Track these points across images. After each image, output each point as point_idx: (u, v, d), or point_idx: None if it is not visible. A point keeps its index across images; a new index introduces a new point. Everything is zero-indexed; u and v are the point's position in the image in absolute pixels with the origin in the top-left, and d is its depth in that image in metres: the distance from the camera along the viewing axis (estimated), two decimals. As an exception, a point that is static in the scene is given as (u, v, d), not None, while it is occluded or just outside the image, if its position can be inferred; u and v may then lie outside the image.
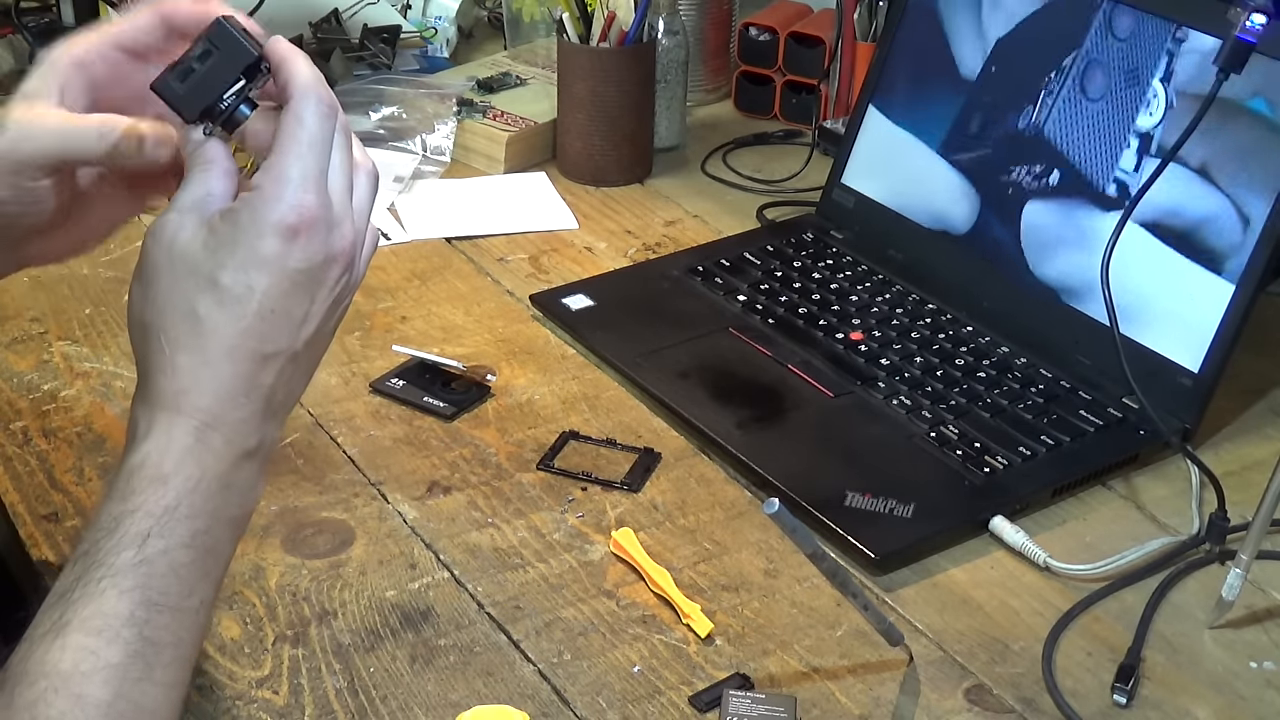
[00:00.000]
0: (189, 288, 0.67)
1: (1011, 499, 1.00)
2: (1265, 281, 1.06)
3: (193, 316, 0.67)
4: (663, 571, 0.93)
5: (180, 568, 0.66)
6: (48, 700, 0.62)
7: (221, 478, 0.67)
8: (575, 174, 1.48)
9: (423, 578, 0.93)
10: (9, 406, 1.09)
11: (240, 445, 0.68)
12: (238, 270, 0.67)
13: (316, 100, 0.70)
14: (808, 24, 1.60)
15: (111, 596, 0.64)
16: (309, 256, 0.68)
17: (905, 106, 1.31)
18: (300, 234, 0.67)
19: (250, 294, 0.67)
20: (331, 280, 0.69)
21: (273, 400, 0.69)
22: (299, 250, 0.67)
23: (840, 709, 0.84)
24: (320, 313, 0.70)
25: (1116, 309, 1.06)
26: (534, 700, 0.84)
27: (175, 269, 0.67)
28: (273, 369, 0.69)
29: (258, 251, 0.67)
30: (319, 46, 1.65)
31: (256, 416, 0.69)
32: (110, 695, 0.63)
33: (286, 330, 0.68)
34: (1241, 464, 1.07)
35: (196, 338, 0.67)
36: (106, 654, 0.63)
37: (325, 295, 0.69)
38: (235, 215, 0.67)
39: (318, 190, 0.68)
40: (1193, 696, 0.86)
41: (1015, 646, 0.89)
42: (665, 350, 1.16)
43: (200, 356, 0.67)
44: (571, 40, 1.44)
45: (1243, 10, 1.02)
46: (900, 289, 1.24)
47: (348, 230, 0.70)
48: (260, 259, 0.67)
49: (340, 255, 0.69)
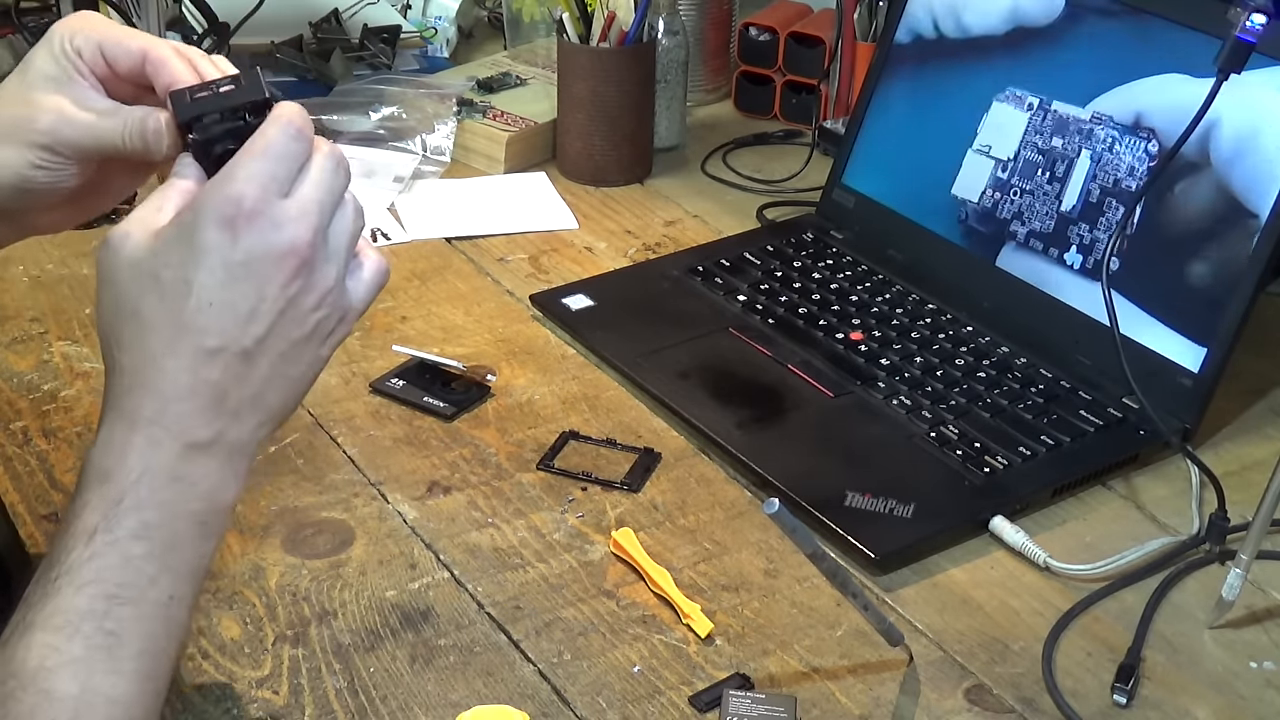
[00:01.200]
0: (134, 290, 0.68)
1: (1011, 499, 1.00)
2: (1265, 281, 1.07)
3: (136, 316, 0.68)
4: (663, 571, 0.93)
5: (134, 559, 0.66)
6: (16, 698, 0.63)
7: (169, 470, 0.67)
8: (575, 174, 1.48)
9: (423, 578, 0.93)
10: (9, 406, 1.09)
11: (186, 438, 0.68)
12: (178, 266, 0.67)
13: (287, 122, 0.69)
14: (808, 24, 1.60)
15: (68, 593, 0.65)
16: (249, 248, 0.67)
17: (909, 96, 1.31)
18: (238, 224, 0.66)
19: (187, 287, 0.67)
20: (283, 277, 0.68)
21: (226, 398, 0.68)
22: (237, 241, 0.66)
23: (840, 709, 0.84)
24: (272, 311, 0.68)
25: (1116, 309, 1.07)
26: (534, 700, 0.84)
27: (121, 275, 0.68)
28: (217, 364, 0.68)
29: (195, 243, 0.66)
30: (319, 46, 1.65)
31: (206, 411, 0.68)
32: (77, 689, 0.63)
33: (229, 324, 0.67)
34: (1241, 464, 1.07)
35: (138, 336, 0.68)
36: (68, 649, 0.64)
37: (276, 293, 0.68)
38: (179, 215, 0.68)
39: (263, 187, 0.67)
40: (1193, 696, 0.86)
41: (1015, 646, 0.89)
42: (665, 350, 1.16)
43: (141, 355, 0.67)
44: (571, 40, 1.44)
45: (1243, 10, 1.02)
46: (900, 289, 1.24)
47: (303, 233, 0.68)
48: (199, 250, 0.66)
49: (290, 254, 0.67)
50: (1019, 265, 1.20)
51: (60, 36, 0.75)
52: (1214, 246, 1.09)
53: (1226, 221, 1.08)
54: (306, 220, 0.68)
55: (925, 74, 1.30)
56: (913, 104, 1.30)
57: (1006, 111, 1.23)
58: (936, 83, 1.29)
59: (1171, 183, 1.10)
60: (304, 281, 0.69)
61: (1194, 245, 1.10)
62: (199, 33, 1.59)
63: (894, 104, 1.32)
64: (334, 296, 0.71)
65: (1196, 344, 1.08)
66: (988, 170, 1.23)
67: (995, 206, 1.22)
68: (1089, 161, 1.16)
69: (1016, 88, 1.22)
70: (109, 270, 0.68)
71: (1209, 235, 1.09)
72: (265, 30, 1.60)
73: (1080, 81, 1.18)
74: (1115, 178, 1.15)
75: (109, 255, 0.68)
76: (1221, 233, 1.08)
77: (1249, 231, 1.06)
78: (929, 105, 1.29)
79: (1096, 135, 1.16)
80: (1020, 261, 1.20)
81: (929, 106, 1.29)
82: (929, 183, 1.28)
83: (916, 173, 1.29)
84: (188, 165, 0.71)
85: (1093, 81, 1.17)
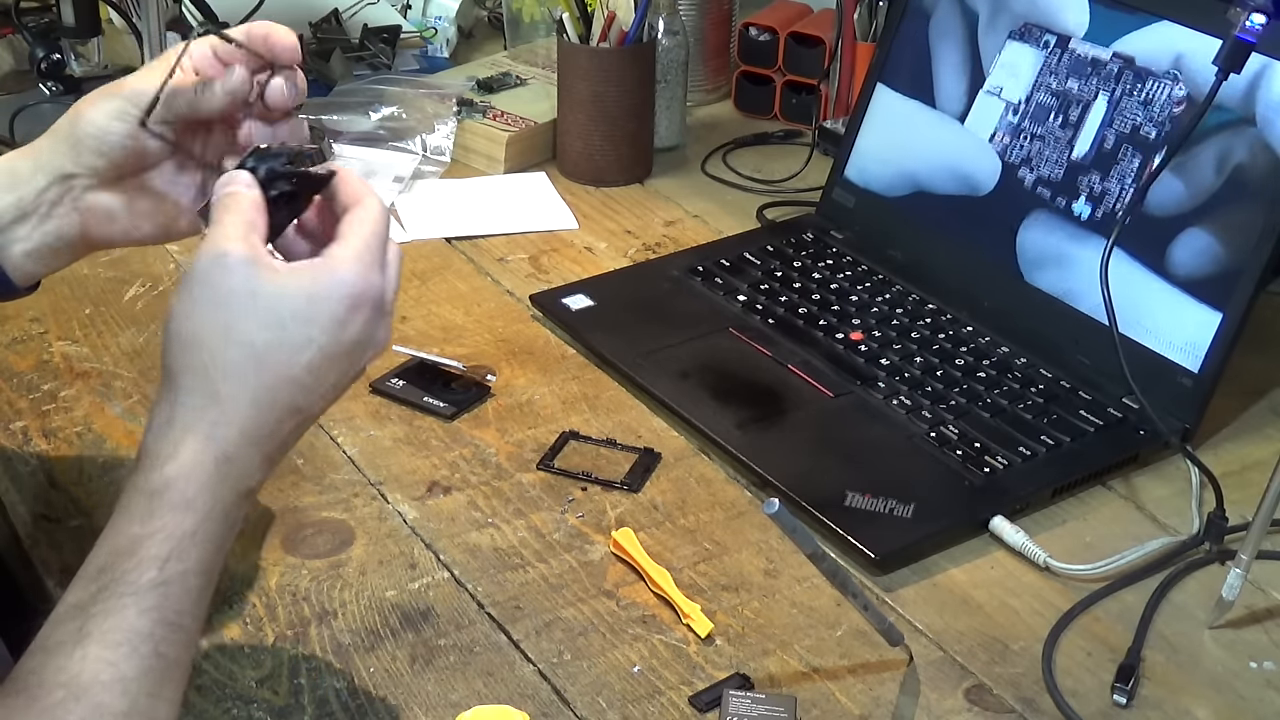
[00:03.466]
0: (251, 319, 0.69)
1: (1011, 499, 1.00)
2: (1265, 281, 1.07)
3: (250, 348, 0.69)
4: (663, 571, 0.93)
5: (193, 590, 0.68)
6: (67, 707, 0.63)
7: (228, 512, 0.69)
8: (575, 174, 1.48)
9: (423, 578, 0.93)
10: (9, 406, 1.09)
11: (245, 484, 0.70)
12: (305, 322, 0.69)
13: (381, 205, 0.74)
14: (808, 24, 1.60)
15: (132, 614, 0.66)
16: (360, 332, 0.71)
17: (911, 83, 1.31)
18: (362, 309, 0.71)
19: (309, 345, 0.70)
20: (364, 362, 0.73)
21: (278, 453, 0.72)
22: (356, 324, 0.71)
23: (840, 709, 0.84)
24: (344, 387, 0.73)
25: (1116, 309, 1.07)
26: (534, 700, 0.84)
27: (236, 296, 0.69)
28: (293, 423, 0.71)
29: (325, 311, 0.70)
30: (319, 46, 1.65)
31: (267, 462, 0.71)
32: (127, 706, 0.64)
33: (319, 393, 0.71)
34: (1241, 464, 1.07)
35: (247, 370, 0.69)
36: (124, 667, 0.65)
37: (353, 374, 0.73)
38: (312, 269, 0.71)
39: (383, 278, 0.72)
40: (1193, 696, 0.86)
41: (1015, 646, 0.89)
42: (665, 350, 1.16)
43: (245, 389, 0.69)
44: (571, 40, 1.44)
45: (1243, 10, 1.02)
46: (900, 289, 1.24)
47: (389, 331, 0.74)
48: (327, 318, 0.70)
49: (378, 343, 0.73)
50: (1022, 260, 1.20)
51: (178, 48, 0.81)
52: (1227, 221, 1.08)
53: (1226, 220, 1.08)
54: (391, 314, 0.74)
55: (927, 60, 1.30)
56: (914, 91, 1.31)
57: (1020, 50, 1.22)
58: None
59: (1171, 180, 1.10)
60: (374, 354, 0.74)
61: (1194, 243, 1.10)
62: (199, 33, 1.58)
63: (894, 103, 1.32)
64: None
65: (1211, 308, 1.07)
66: (998, 113, 1.23)
67: (1005, 151, 1.22)
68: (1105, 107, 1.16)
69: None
70: (223, 289, 0.69)
71: (1209, 233, 1.09)
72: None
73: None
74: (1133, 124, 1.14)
75: (221, 272, 0.69)
76: (1221, 231, 1.08)
77: (1249, 230, 1.06)
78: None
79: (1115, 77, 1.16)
80: (1027, 248, 1.20)
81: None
82: (930, 181, 1.28)
83: (917, 172, 1.29)
84: (247, 182, 0.73)
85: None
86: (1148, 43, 1.14)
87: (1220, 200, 1.09)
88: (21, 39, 1.59)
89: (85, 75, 1.56)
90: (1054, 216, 1.18)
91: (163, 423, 0.69)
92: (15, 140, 1.43)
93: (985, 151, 1.24)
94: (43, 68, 1.53)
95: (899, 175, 1.31)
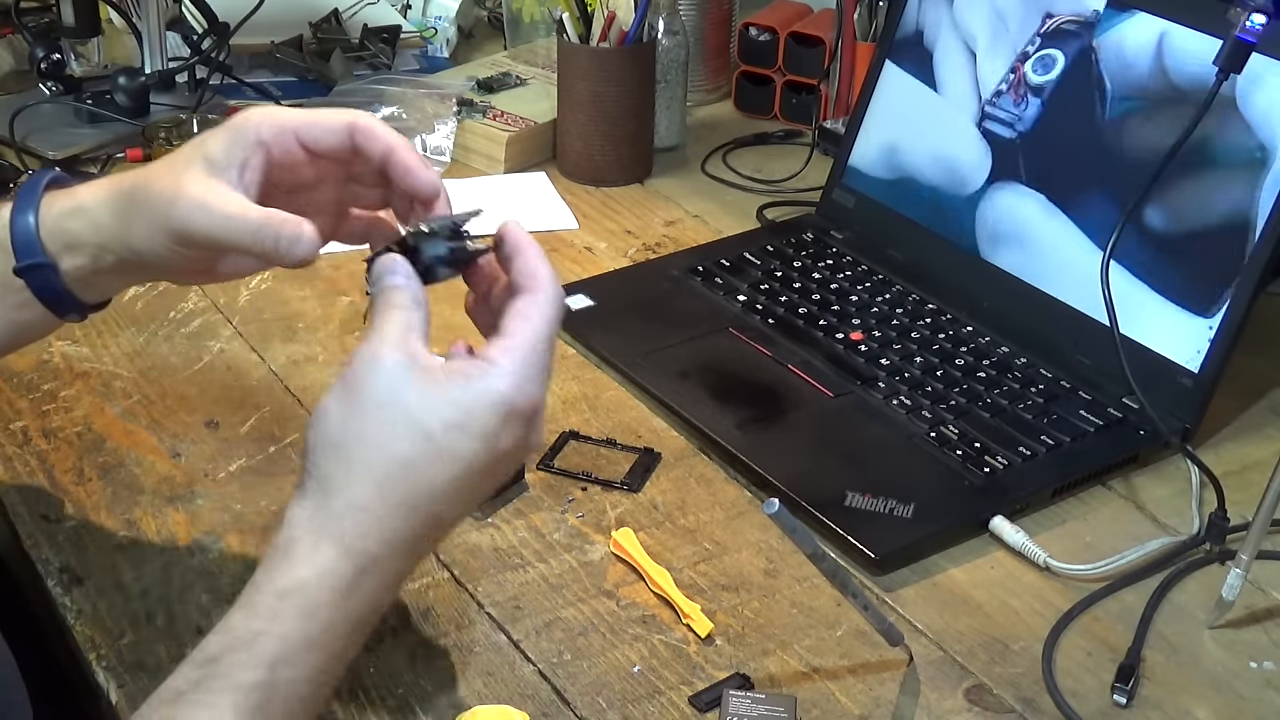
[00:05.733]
0: (400, 428, 0.67)
1: (1011, 499, 1.00)
2: (1265, 281, 1.07)
3: (400, 459, 0.67)
4: (663, 571, 0.93)
5: (298, 700, 0.66)
6: None
7: (360, 621, 0.68)
8: (575, 174, 1.48)
9: (423, 578, 0.93)
10: (9, 406, 1.09)
11: (385, 596, 0.68)
12: (457, 431, 0.67)
13: (559, 300, 0.71)
14: (808, 24, 1.60)
15: (228, 711, 0.63)
16: (513, 443, 0.68)
17: (917, 66, 1.31)
18: (517, 419, 0.68)
19: (462, 459, 0.67)
20: (511, 471, 0.71)
21: (423, 551, 0.70)
22: (509, 433, 0.68)
23: (840, 709, 0.84)
24: (487, 493, 0.71)
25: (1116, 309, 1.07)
26: (534, 700, 0.84)
27: (386, 406, 0.67)
28: (438, 532, 0.70)
29: (480, 421, 0.67)
30: (319, 46, 1.65)
31: (410, 564, 0.69)
32: None
33: (466, 503, 0.70)
34: (1241, 464, 1.07)
35: (396, 480, 0.67)
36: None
37: (499, 481, 0.71)
38: (465, 375, 0.68)
39: (542, 385, 0.69)
40: (1193, 696, 0.86)
41: (1015, 646, 0.89)
42: (665, 350, 1.16)
43: (390, 500, 0.67)
44: (571, 40, 1.44)
45: (1243, 10, 1.02)
46: (900, 289, 1.24)
47: (541, 424, 0.71)
48: (481, 429, 0.67)
49: (531, 447, 0.70)
50: (1017, 262, 1.20)
51: (244, 126, 0.75)
52: (1219, 233, 1.09)
53: (1226, 220, 1.08)
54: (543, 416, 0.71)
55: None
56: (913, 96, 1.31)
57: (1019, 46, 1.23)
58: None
59: (1171, 181, 1.10)
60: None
61: (1194, 243, 1.10)
62: (199, 33, 1.59)
63: (894, 103, 1.32)
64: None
65: (1211, 308, 1.07)
66: (999, 108, 1.23)
67: (1005, 149, 1.22)
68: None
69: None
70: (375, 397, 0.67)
71: (1209, 233, 1.09)
72: (265, 30, 1.60)
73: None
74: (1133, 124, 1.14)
75: (373, 377, 0.67)
76: (1221, 231, 1.08)
77: (1249, 230, 1.06)
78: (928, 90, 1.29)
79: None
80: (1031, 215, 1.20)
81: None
82: (929, 180, 1.28)
83: (916, 171, 1.29)
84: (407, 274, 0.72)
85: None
86: (1147, 42, 1.14)
87: (1220, 200, 1.08)
88: (21, 39, 1.59)
89: (85, 75, 1.56)
90: (1054, 215, 1.18)
91: (303, 524, 0.67)
92: (15, 140, 1.43)
93: (983, 147, 1.24)
94: (43, 68, 1.53)
95: (899, 174, 1.31)
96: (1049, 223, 1.18)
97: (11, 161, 1.42)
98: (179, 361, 1.15)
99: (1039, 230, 1.19)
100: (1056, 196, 1.18)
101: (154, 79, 1.52)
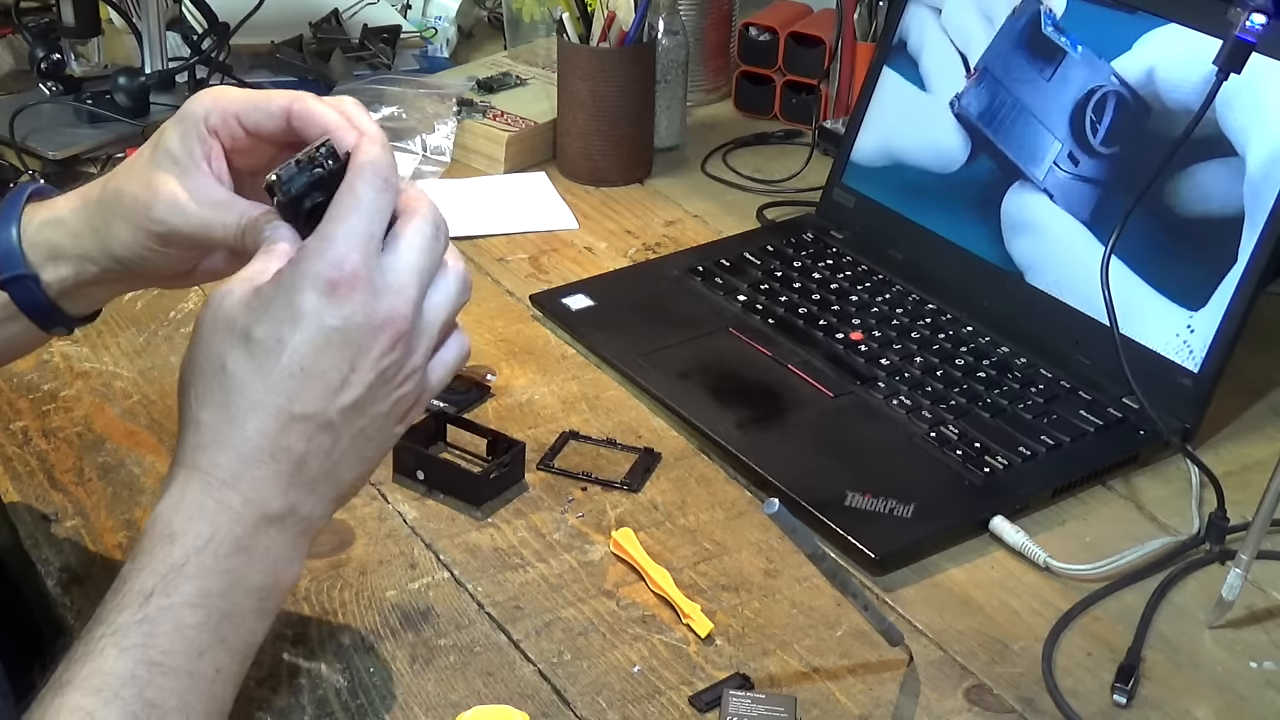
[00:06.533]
0: (222, 343, 0.66)
1: (1011, 499, 1.00)
2: (1265, 281, 1.07)
3: (221, 371, 0.66)
4: (663, 571, 0.93)
5: (186, 628, 0.64)
6: None
7: (238, 539, 0.66)
8: (575, 174, 1.48)
9: (423, 578, 0.93)
10: (9, 406, 1.09)
11: (260, 507, 0.66)
12: (271, 324, 0.66)
13: (372, 172, 0.68)
14: (808, 24, 1.60)
15: (111, 655, 0.62)
16: (347, 315, 0.66)
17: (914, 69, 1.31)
18: (339, 290, 0.65)
19: (280, 347, 0.65)
20: (377, 350, 0.67)
21: (305, 468, 0.67)
22: (336, 308, 0.65)
23: (840, 709, 0.84)
24: (362, 383, 0.67)
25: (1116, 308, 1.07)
26: (534, 700, 0.84)
27: (214, 327, 0.67)
28: (301, 432, 0.66)
29: (293, 305, 0.65)
30: (319, 46, 1.65)
31: (282, 480, 0.67)
32: None
33: (318, 392, 0.66)
34: (1241, 464, 1.07)
35: (222, 392, 0.66)
36: (103, 715, 0.61)
37: (368, 365, 0.67)
38: (279, 275, 0.67)
39: (363, 252, 0.66)
40: (1193, 696, 0.86)
41: (1015, 646, 0.89)
42: (665, 350, 1.16)
43: (224, 411, 0.66)
44: (571, 40, 1.44)
45: (1243, 10, 1.02)
46: (900, 289, 1.24)
47: (402, 305, 0.67)
48: (294, 312, 0.65)
49: (387, 324, 0.67)
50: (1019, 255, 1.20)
51: (193, 116, 0.74)
52: (1218, 232, 1.09)
53: (1226, 219, 1.08)
54: (406, 292, 0.67)
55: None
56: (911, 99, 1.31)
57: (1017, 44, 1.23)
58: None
59: (1171, 181, 1.10)
60: (397, 356, 0.68)
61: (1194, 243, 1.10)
62: (199, 33, 1.59)
63: (894, 103, 1.32)
64: (419, 375, 0.70)
65: (1211, 308, 1.07)
66: (997, 108, 1.23)
67: (1004, 146, 1.22)
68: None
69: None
70: (203, 325, 0.67)
71: (1209, 233, 1.09)
72: (265, 30, 1.60)
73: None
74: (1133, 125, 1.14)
75: (207, 311, 0.67)
76: (1220, 231, 1.08)
77: (1249, 230, 1.06)
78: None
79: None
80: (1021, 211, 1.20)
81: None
82: (929, 180, 1.28)
83: (916, 171, 1.29)
84: (279, 227, 0.70)
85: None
86: (1148, 42, 1.14)
87: (1220, 199, 1.08)
88: (21, 39, 1.59)
89: (85, 75, 1.56)
90: (1055, 215, 1.18)
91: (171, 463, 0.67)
92: (15, 140, 1.43)
93: (982, 143, 1.24)
94: (43, 68, 1.53)
95: (899, 174, 1.31)
96: (1049, 222, 1.19)
97: (11, 161, 1.42)
98: (179, 361, 1.14)
99: (1039, 230, 1.19)
100: (1057, 196, 1.18)
101: (154, 79, 1.52)
